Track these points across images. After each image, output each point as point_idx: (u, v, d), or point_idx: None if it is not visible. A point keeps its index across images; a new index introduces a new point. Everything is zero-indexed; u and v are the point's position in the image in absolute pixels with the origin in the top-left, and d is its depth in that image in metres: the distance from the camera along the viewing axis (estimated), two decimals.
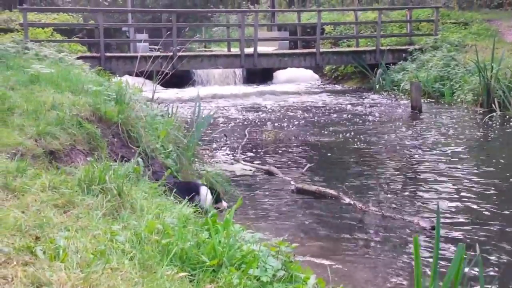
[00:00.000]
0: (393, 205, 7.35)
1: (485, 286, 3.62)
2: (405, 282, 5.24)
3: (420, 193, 8.00)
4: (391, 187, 8.30)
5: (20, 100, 5.60)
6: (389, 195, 7.86)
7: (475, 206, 7.33)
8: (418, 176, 8.98)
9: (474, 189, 8.08)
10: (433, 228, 6.34)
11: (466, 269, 3.94)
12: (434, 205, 7.33)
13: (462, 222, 6.75)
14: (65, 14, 21.76)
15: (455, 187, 8.19)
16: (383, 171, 9.25)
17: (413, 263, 5.46)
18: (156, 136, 6.63)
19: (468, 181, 8.49)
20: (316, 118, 14.59)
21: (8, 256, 2.63)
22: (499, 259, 5.71)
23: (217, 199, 5.87)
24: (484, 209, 7.20)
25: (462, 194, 7.87)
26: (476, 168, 9.30)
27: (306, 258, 5.63)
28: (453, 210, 7.19)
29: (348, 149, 10.92)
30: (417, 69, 18.31)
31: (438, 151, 10.49)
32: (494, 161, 9.71)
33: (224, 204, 6.03)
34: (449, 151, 10.47)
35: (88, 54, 17.91)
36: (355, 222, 6.90)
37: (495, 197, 7.70)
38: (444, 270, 4.47)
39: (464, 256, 3.47)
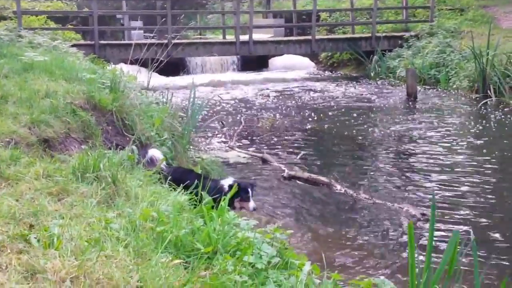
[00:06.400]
0: (385, 193, 7.39)
1: (479, 271, 3.63)
2: (398, 268, 5.26)
3: (414, 181, 8.02)
4: (384, 174, 8.32)
5: (14, 88, 5.57)
6: (381, 182, 7.89)
7: (469, 193, 7.36)
8: (412, 163, 9.00)
9: (468, 176, 8.11)
10: (422, 215, 6.37)
11: (462, 258, 3.95)
12: (427, 192, 7.36)
13: (456, 209, 6.78)
14: (59, 2, 21.58)
15: (450, 174, 8.21)
16: (377, 158, 9.27)
17: (404, 249, 5.50)
18: (151, 124, 6.61)
19: (462, 168, 8.52)
20: (311, 105, 14.57)
21: (2, 244, 2.63)
22: (494, 245, 5.74)
23: (243, 196, 5.35)
24: (478, 197, 7.23)
25: (457, 181, 7.89)
26: (471, 155, 9.33)
27: (300, 244, 5.66)
28: (447, 197, 7.21)
29: (342, 136, 10.92)
30: (413, 55, 18.28)
31: (433, 138, 10.51)
32: (489, 147, 9.74)
33: (251, 204, 5.43)
34: (444, 138, 10.49)
35: (82, 42, 17.79)
36: (346, 209, 6.94)
37: (489, 184, 7.72)
38: (436, 258, 4.49)
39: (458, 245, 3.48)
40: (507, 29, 18.25)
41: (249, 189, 5.45)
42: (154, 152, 5.63)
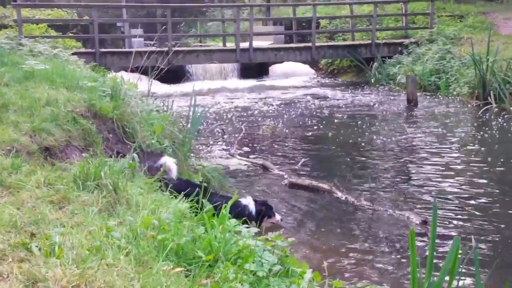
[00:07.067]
0: (385, 200, 7.38)
1: (480, 274, 3.62)
2: (400, 275, 5.25)
3: (415, 188, 8.01)
4: (385, 181, 8.31)
5: (15, 97, 5.58)
6: (382, 189, 7.88)
7: (471, 200, 7.34)
8: (413, 170, 8.99)
9: (470, 183, 8.09)
10: (423, 222, 6.37)
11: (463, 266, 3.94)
12: (428, 199, 7.35)
13: (457, 216, 6.76)
14: (59, 10, 21.65)
15: (451, 181, 8.20)
16: (378, 165, 9.26)
17: (406, 256, 5.49)
18: (151, 131, 6.61)
19: (464, 174, 8.51)
20: (311, 112, 14.58)
21: (3, 253, 2.63)
22: (496, 251, 5.73)
23: (270, 214, 5.96)
24: (480, 203, 7.22)
25: (458, 188, 7.88)
26: (472, 161, 9.32)
27: (301, 252, 5.65)
28: (448, 204, 7.19)
29: (343, 143, 10.92)
30: (413, 62, 18.29)
31: (434, 145, 10.50)
32: (489, 154, 9.73)
33: (278, 217, 6.09)
34: (445, 145, 10.48)
35: (83, 50, 17.83)
36: (348, 217, 6.92)
37: (491, 191, 7.71)
38: (437, 264, 4.48)
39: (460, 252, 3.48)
40: (507, 35, 18.28)
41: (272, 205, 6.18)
42: (166, 160, 5.69)
